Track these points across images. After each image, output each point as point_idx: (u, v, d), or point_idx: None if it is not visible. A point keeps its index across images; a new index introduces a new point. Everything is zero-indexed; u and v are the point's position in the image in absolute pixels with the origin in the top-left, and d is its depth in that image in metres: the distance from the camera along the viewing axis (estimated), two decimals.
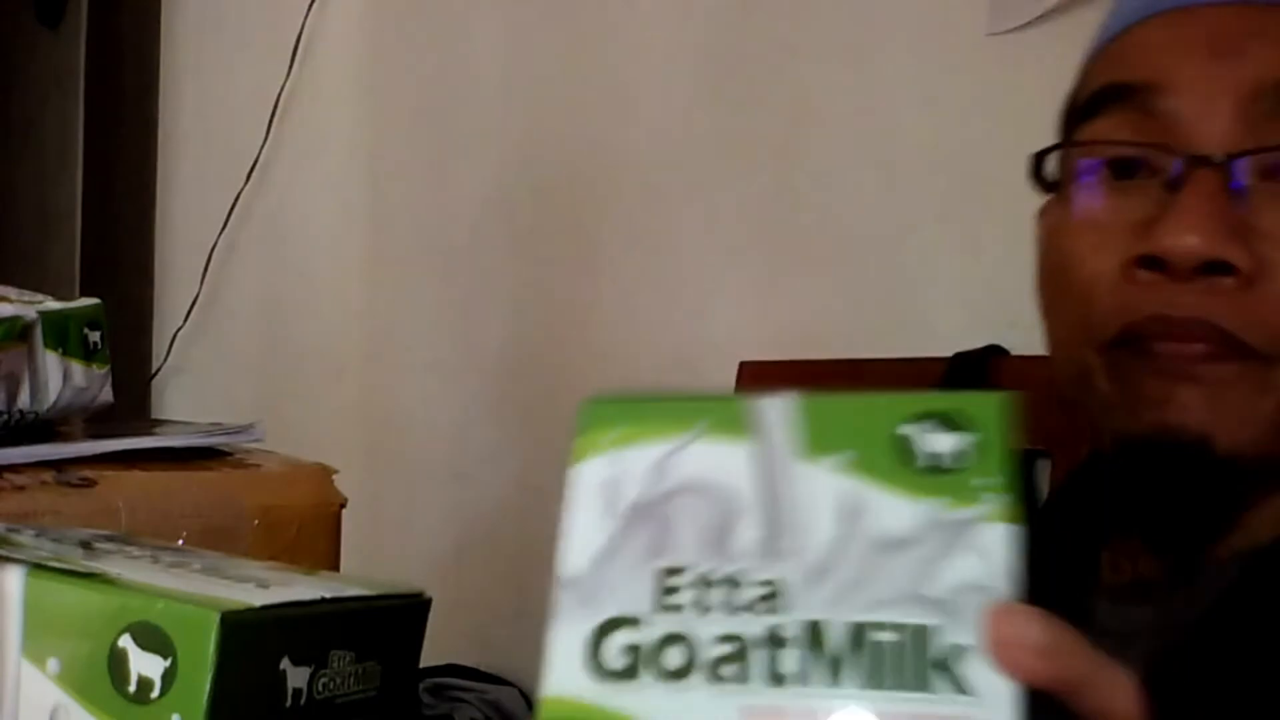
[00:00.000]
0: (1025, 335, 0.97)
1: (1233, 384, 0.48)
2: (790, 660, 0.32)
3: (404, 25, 1.59)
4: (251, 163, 1.62)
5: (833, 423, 0.35)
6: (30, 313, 0.77)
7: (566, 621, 0.34)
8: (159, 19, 1.74)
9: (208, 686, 0.36)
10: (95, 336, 0.82)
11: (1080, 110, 0.54)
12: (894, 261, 1.10)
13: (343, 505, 0.81)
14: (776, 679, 0.32)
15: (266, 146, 1.62)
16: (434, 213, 1.54)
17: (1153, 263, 0.48)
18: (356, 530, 0.84)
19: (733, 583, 0.33)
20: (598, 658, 0.33)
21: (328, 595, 0.41)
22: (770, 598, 0.33)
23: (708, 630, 0.32)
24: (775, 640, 0.32)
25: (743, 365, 1.17)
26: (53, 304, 0.80)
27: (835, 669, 0.31)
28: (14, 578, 0.39)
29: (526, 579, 1.42)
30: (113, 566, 0.41)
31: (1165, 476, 0.50)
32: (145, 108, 1.72)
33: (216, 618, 0.36)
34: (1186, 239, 0.47)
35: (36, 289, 0.84)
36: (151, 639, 0.36)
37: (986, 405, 0.34)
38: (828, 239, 1.16)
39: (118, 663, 0.36)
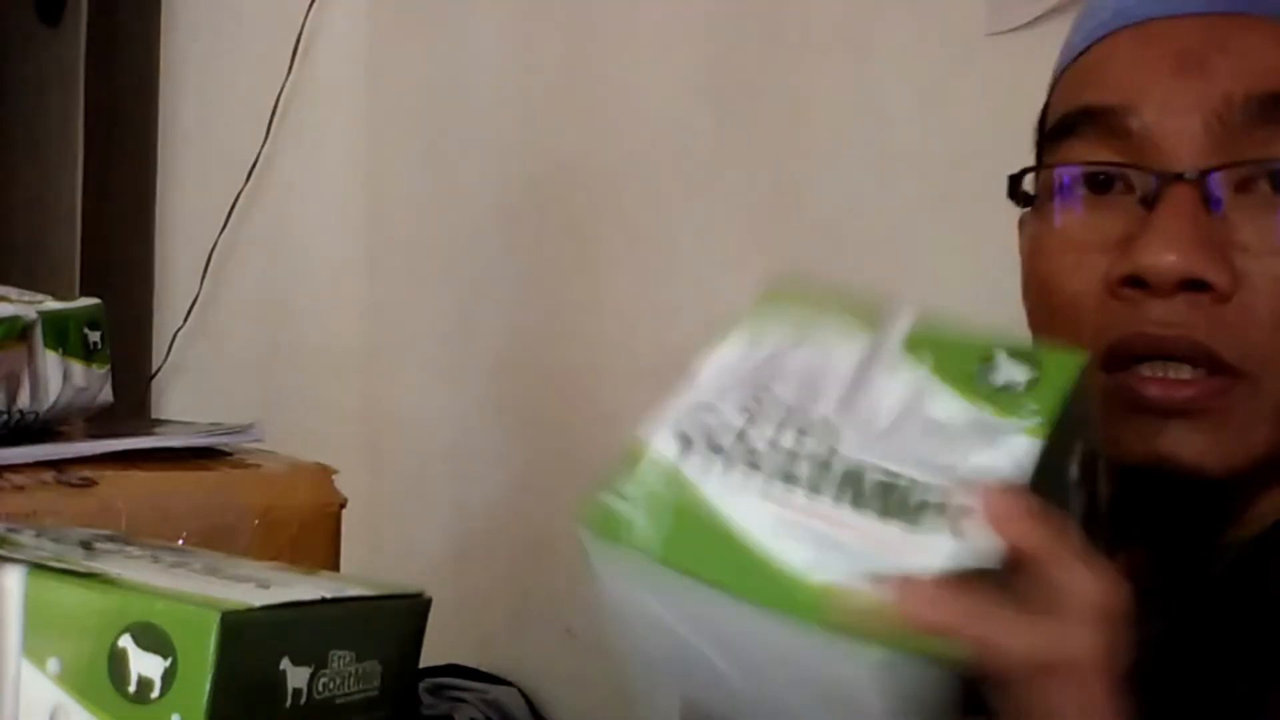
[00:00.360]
0: (1025, 335, 0.97)
1: (1222, 413, 0.48)
2: (829, 481, 0.39)
3: (404, 25, 1.59)
4: (251, 163, 1.62)
5: (941, 337, 0.43)
6: (30, 313, 0.77)
7: (676, 400, 0.45)
8: (159, 18, 1.74)
9: (208, 686, 0.36)
10: (95, 336, 0.82)
11: (1054, 130, 0.54)
12: (893, 262, 1.10)
13: (343, 505, 0.81)
14: (814, 491, 0.39)
15: (266, 146, 1.62)
16: (434, 213, 1.54)
17: (1133, 281, 0.49)
18: (356, 530, 0.84)
19: (806, 420, 0.41)
20: (687, 434, 0.42)
21: (328, 595, 0.41)
22: (831, 438, 0.41)
23: (774, 445, 0.41)
24: (823, 466, 0.40)
25: None
26: (53, 304, 0.80)
27: (861, 498, 0.39)
28: (14, 578, 0.39)
29: (526, 579, 1.42)
30: (113, 566, 0.41)
31: (1160, 501, 0.51)
32: (145, 107, 1.72)
33: (216, 618, 0.36)
34: (1165, 257, 0.48)
35: (36, 289, 0.84)
36: (152, 639, 0.36)
37: (1062, 359, 0.42)
38: (827, 238, 1.16)
39: (118, 663, 0.36)
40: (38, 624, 0.38)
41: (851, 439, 0.40)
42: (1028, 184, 0.56)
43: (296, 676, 0.39)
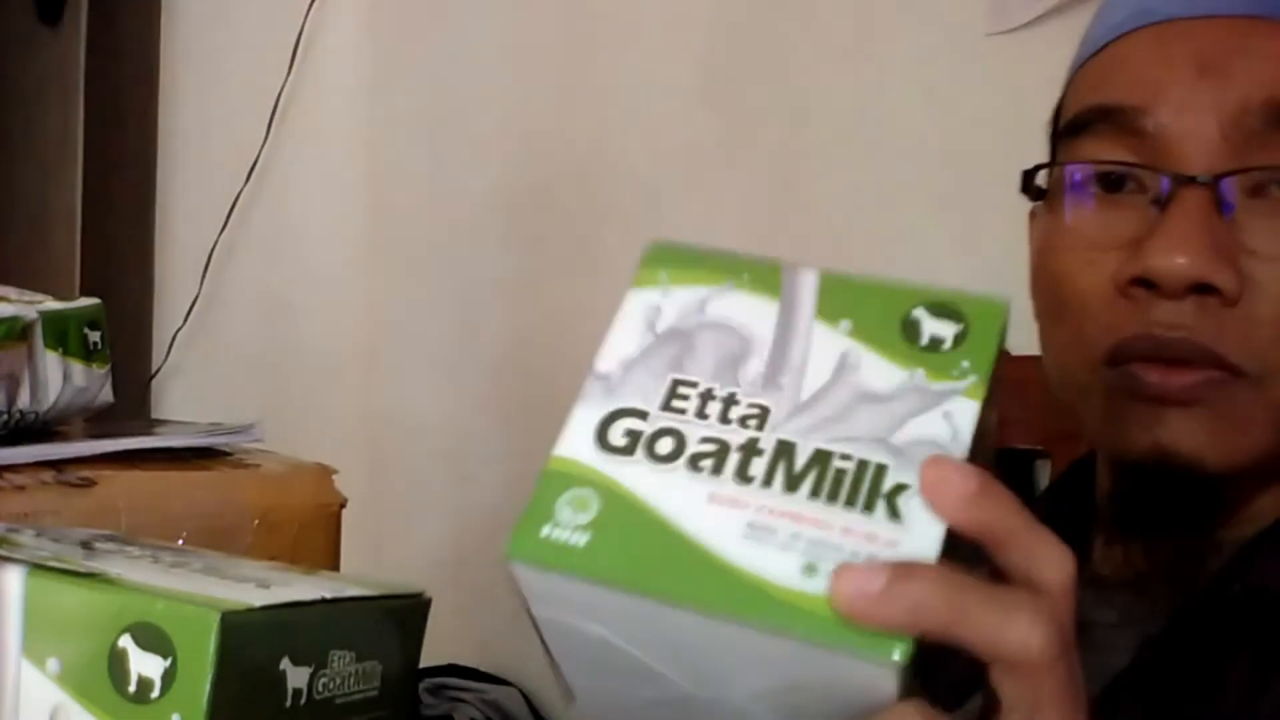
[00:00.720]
0: (1025, 335, 0.97)
1: (1223, 408, 0.49)
2: (759, 466, 0.37)
3: (404, 25, 1.59)
4: (251, 163, 1.62)
5: (854, 297, 0.41)
6: (30, 313, 0.77)
7: (588, 405, 0.41)
8: (159, 18, 1.74)
9: (208, 686, 0.36)
10: (95, 336, 0.82)
11: (1069, 126, 0.54)
12: (893, 262, 1.10)
13: (343, 505, 0.81)
14: (744, 478, 0.37)
15: (266, 146, 1.62)
16: (434, 212, 1.54)
17: (1142, 282, 0.49)
18: (356, 530, 0.84)
19: (731, 400, 0.38)
20: (604, 435, 0.39)
21: (328, 595, 0.41)
22: (758, 418, 0.38)
23: (699, 431, 0.38)
24: (751, 449, 0.37)
25: None
26: (53, 304, 0.80)
27: (794, 480, 0.36)
28: (14, 578, 0.39)
29: None
30: (113, 566, 0.41)
31: (1159, 495, 0.51)
32: (145, 107, 1.72)
33: (216, 617, 0.36)
34: (1175, 259, 0.48)
35: (36, 289, 0.84)
36: (151, 639, 0.36)
37: (986, 305, 0.40)
38: (827, 238, 1.16)
39: (118, 663, 0.36)
40: (38, 624, 0.38)
41: (786, 421, 0.38)
42: (1040, 179, 0.56)
43: (296, 676, 0.39)
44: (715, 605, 0.35)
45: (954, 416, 0.38)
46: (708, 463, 0.37)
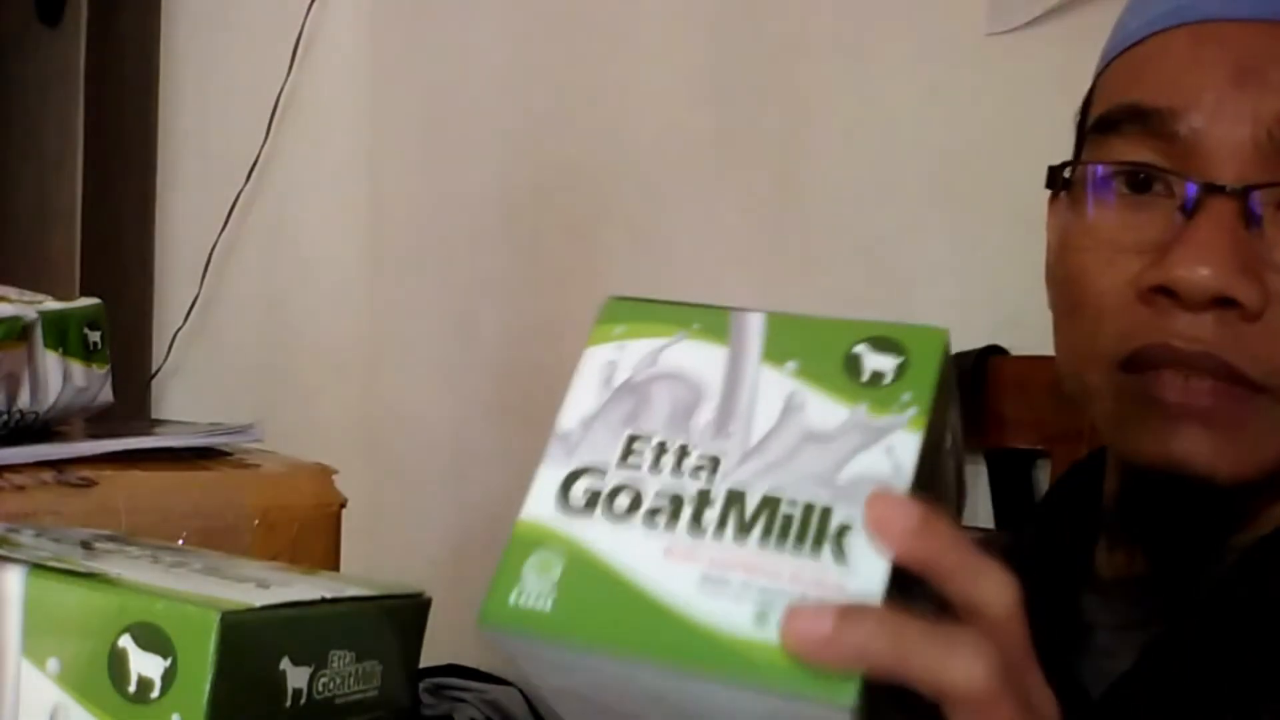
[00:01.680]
0: (1024, 335, 0.97)
1: (1238, 423, 0.48)
2: (710, 517, 0.38)
3: (404, 25, 1.59)
4: (251, 163, 1.62)
5: (799, 337, 0.41)
6: (30, 313, 0.77)
7: (550, 465, 0.42)
8: (159, 17, 1.74)
9: (208, 686, 0.36)
10: (95, 336, 0.82)
11: (1099, 123, 0.53)
12: (894, 261, 1.10)
13: (343, 505, 0.81)
14: (697, 529, 0.37)
15: (266, 146, 1.62)
16: (434, 212, 1.54)
17: (1164, 290, 0.48)
18: (356, 530, 0.84)
19: (683, 452, 0.39)
20: (566, 495, 0.40)
21: (328, 595, 0.41)
22: (708, 468, 0.39)
23: (653, 485, 0.39)
24: (704, 499, 0.38)
25: None
26: (53, 304, 0.80)
27: (744, 528, 0.37)
28: (14, 578, 0.39)
29: None
30: (113, 566, 0.41)
31: (1168, 503, 0.50)
32: (145, 107, 1.72)
33: (216, 617, 0.36)
34: (1198, 271, 0.47)
35: (36, 289, 0.84)
36: (151, 639, 0.36)
37: (925, 336, 0.40)
38: (827, 239, 1.16)
39: (118, 663, 0.36)
40: (37, 624, 0.38)
41: (735, 469, 0.39)
42: (1066, 171, 0.55)
43: (296, 676, 0.39)
44: (675, 658, 0.36)
45: (896, 450, 0.38)
46: (662, 517, 0.38)
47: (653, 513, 0.38)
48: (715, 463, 0.39)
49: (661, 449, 0.40)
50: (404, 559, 1.50)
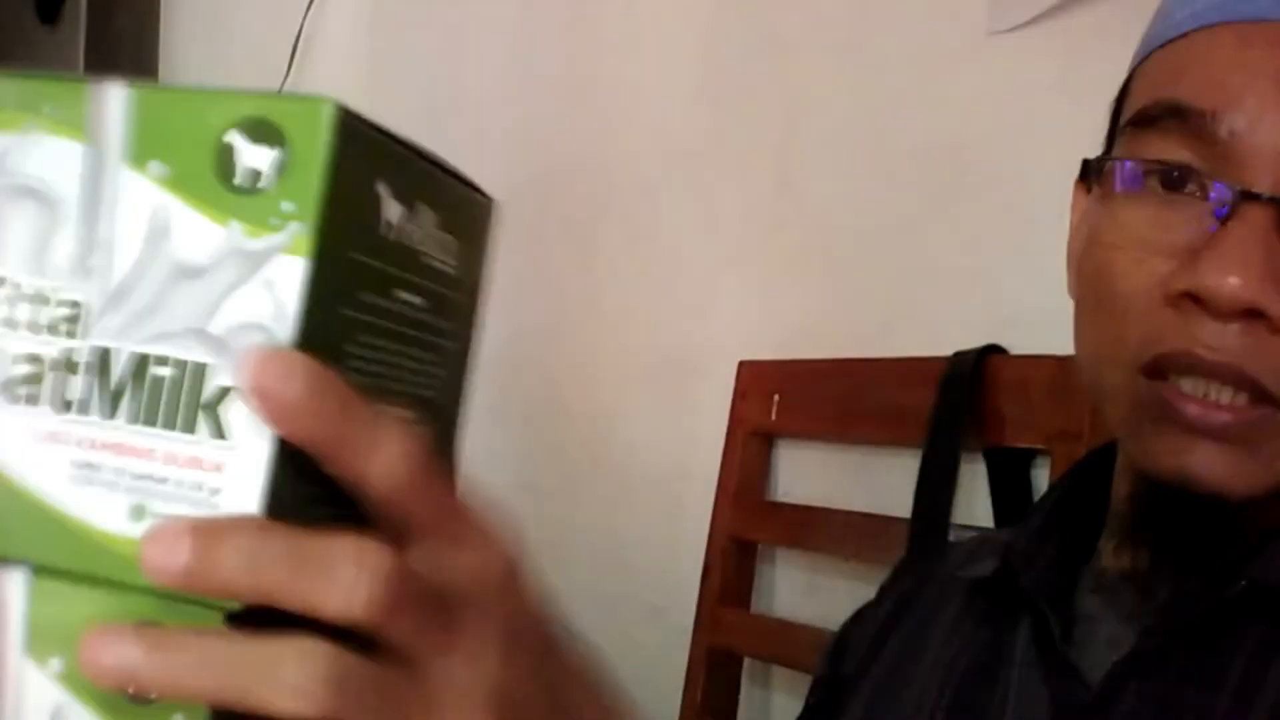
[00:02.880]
0: (1024, 335, 0.97)
1: (1255, 440, 0.47)
2: (78, 387, 0.31)
3: (403, 25, 1.59)
4: None
5: (165, 125, 0.31)
6: None
7: None
8: (158, 17, 1.74)
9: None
10: None
11: (1136, 118, 0.52)
12: (893, 261, 1.10)
13: None
14: (63, 405, 0.31)
15: None
16: None
17: (1192, 297, 0.47)
18: None
19: (41, 299, 0.31)
20: None
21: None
22: (72, 320, 0.31)
23: (10, 346, 0.31)
24: (69, 365, 0.31)
25: (742, 365, 1.18)
26: None
27: (114, 401, 0.31)
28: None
29: None
30: None
31: (1179, 514, 0.50)
32: None
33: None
34: (1229, 280, 0.46)
35: None
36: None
37: (307, 113, 0.31)
38: (827, 238, 1.16)
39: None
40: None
41: (100, 319, 0.31)
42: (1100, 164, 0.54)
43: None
44: (49, 560, 0.30)
45: (276, 285, 0.30)
46: (25, 389, 0.31)
47: (13, 385, 0.31)
48: (78, 311, 0.31)
49: (16, 295, 0.31)
50: None
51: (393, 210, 0.33)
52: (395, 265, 0.34)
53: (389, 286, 0.34)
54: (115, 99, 0.31)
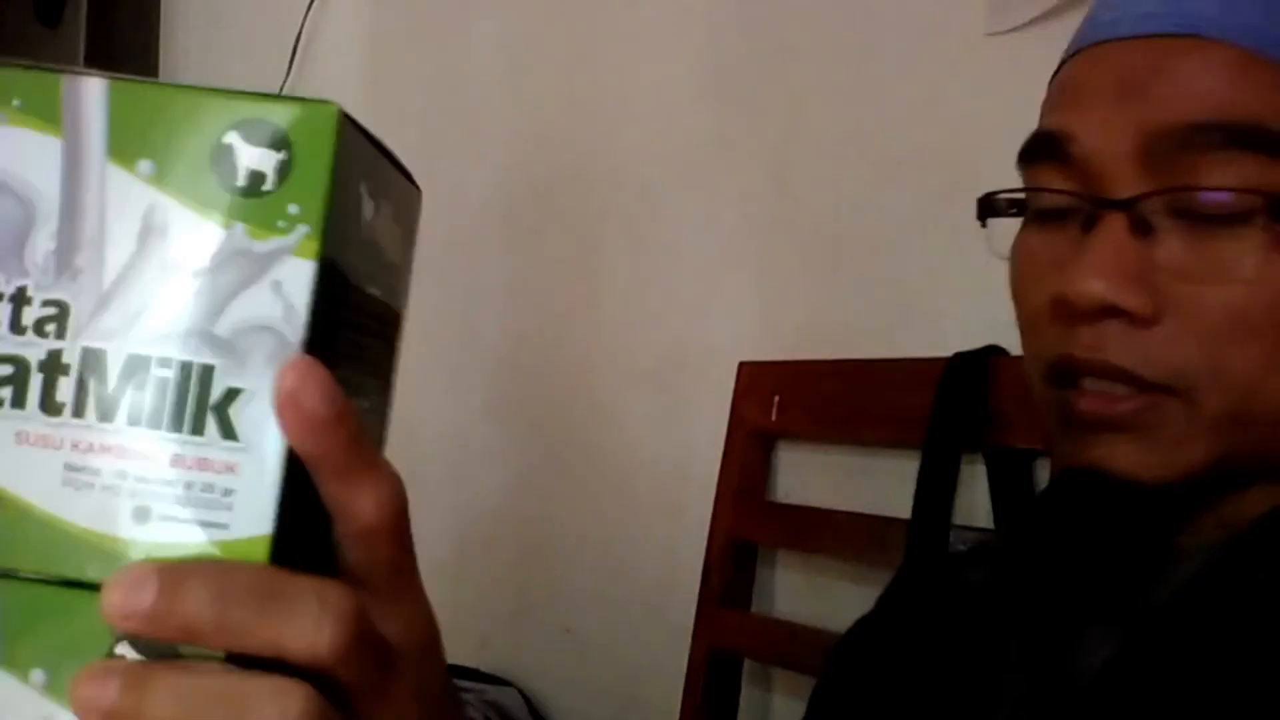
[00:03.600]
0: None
1: (1153, 425, 0.50)
2: (67, 390, 0.30)
3: (404, 25, 1.59)
4: None
5: (153, 123, 0.31)
6: None
7: None
8: (158, 18, 1.74)
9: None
10: None
11: (1021, 154, 0.56)
12: (893, 261, 1.10)
13: None
14: (52, 407, 0.30)
15: None
16: (433, 213, 1.53)
17: (1062, 305, 0.51)
18: None
19: (23, 299, 0.30)
20: None
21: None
22: (57, 319, 0.30)
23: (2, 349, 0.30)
24: (56, 365, 0.30)
25: (742, 365, 1.17)
26: None
27: (110, 403, 0.30)
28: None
29: (526, 580, 1.42)
30: None
31: (1098, 506, 0.52)
32: None
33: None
34: (1089, 284, 0.49)
35: None
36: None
37: (313, 117, 0.31)
38: (827, 239, 1.16)
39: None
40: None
41: (90, 320, 0.30)
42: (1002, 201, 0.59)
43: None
44: (32, 567, 0.30)
45: (285, 286, 0.30)
46: (7, 392, 0.30)
47: (13, 396, 0.30)
48: (65, 312, 0.30)
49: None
50: None
51: (369, 209, 0.34)
52: (368, 261, 0.34)
53: (364, 283, 0.34)
54: (93, 93, 0.31)
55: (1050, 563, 0.57)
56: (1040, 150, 0.54)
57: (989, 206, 0.58)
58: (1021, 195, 0.55)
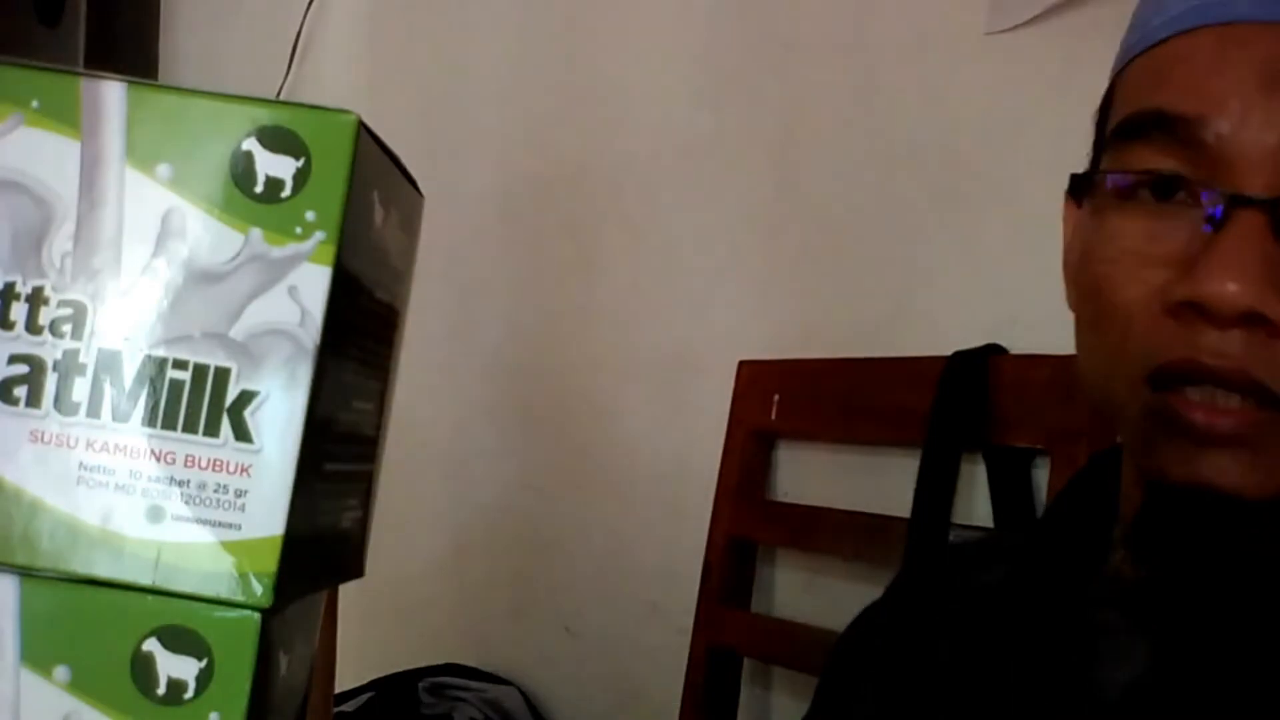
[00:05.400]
0: (1024, 334, 0.97)
1: (1266, 444, 0.47)
2: (82, 390, 0.30)
3: (403, 25, 1.59)
4: None
5: (172, 128, 0.31)
6: None
7: None
8: (158, 17, 1.74)
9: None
10: None
11: (1121, 128, 0.51)
12: (894, 261, 1.10)
13: None
14: (67, 407, 0.30)
15: None
16: (433, 213, 1.53)
17: (1191, 305, 0.47)
18: None
19: (39, 299, 0.31)
20: None
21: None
22: (73, 320, 0.31)
23: (4, 347, 0.31)
24: (72, 364, 0.30)
25: (742, 365, 1.17)
26: None
27: (125, 403, 0.30)
28: None
29: (526, 579, 1.41)
30: None
31: (1195, 522, 0.49)
32: None
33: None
34: (1227, 287, 0.45)
35: None
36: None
37: (330, 126, 0.31)
38: (827, 239, 1.16)
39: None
40: None
41: (107, 322, 0.30)
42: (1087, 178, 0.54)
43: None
44: (49, 565, 0.30)
45: (301, 291, 0.30)
46: (22, 390, 0.30)
47: (8, 386, 0.30)
48: (81, 312, 0.30)
49: (9, 294, 0.31)
50: (404, 559, 1.50)
51: (379, 215, 0.34)
52: (377, 266, 0.35)
53: (373, 287, 0.35)
54: (112, 96, 0.31)
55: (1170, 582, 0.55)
56: (1153, 128, 0.49)
57: (1087, 184, 0.52)
58: (1134, 176, 0.50)
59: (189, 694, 0.31)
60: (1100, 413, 0.53)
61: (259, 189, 0.31)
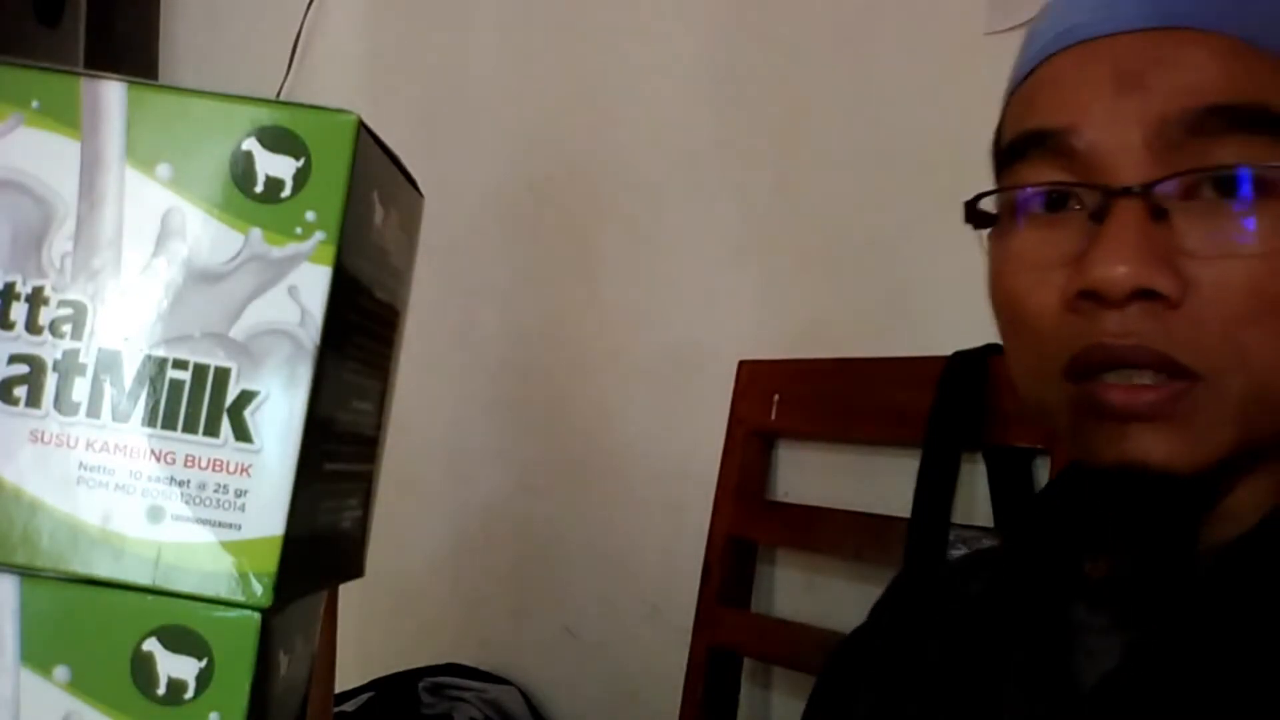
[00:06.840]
0: None
1: (1185, 415, 0.49)
2: (82, 390, 0.30)
3: (402, 25, 1.59)
4: None
5: (173, 125, 0.31)
6: None
7: None
8: (158, 17, 1.74)
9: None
10: None
11: (1005, 153, 0.56)
12: (893, 261, 1.10)
13: None
14: (67, 407, 0.30)
15: None
16: (433, 212, 1.53)
17: (1088, 295, 0.50)
18: None
19: (40, 299, 0.31)
20: None
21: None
22: (73, 320, 0.31)
23: (5, 347, 0.31)
24: (71, 367, 0.30)
25: (742, 364, 1.18)
26: None
27: (125, 403, 0.30)
28: None
29: (525, 579, 1.42)
30: None
31: (1133, 503, 0.51)
32: None
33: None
34: (1116, 269, 0.49)
35: None
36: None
37: (330, 127, 0.31)
38: (827, 239, 1.16)
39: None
40: None
41: (107, 321, 0.30)
42: (987, 205, 0.58)
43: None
44: (49, 565, 0.30)
45: (301, 291, 0.30)
46: (22, 390, 0.31)
47: (8, 386, 0.30)
48: (82, 312, 0.31)
49: (9, 294, 0.31)
50: (404, 559, 1.50)
51: (379, 215, 0.34)
52: (376, 266, 0.35)
53: (373, 287, 0.35)
54: (112, 96, 0.31)
55: (1070, 563, 0.57)
56: (1032, 146, 0.54)
57: (980, 215, 0.57)
58: (1007, 195, 0.55)
59: (189, 694, 0.31)
60: (1037, 419, 0.55)
61: (259, 189, 0.31)
